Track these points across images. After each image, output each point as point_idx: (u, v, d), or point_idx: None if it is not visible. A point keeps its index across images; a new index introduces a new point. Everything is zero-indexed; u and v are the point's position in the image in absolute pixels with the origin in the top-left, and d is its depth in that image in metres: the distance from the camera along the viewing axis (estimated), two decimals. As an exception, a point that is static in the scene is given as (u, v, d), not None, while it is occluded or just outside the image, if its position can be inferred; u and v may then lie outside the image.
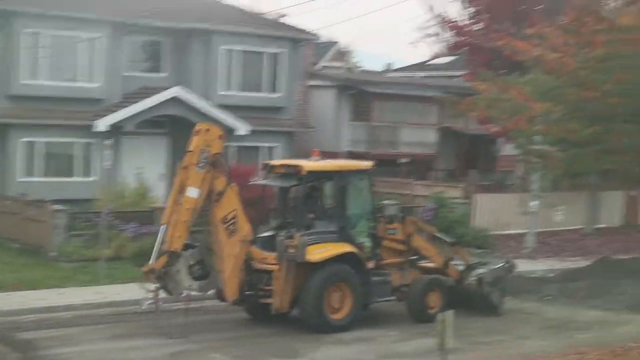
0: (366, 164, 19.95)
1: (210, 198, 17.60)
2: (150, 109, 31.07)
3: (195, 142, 17.47)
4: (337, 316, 18.26)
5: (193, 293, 17.50)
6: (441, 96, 36.32)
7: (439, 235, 21.27)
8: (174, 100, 31.22)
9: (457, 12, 65.60)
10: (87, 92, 30.64)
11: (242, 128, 32.35)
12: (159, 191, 29.92)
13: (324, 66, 46.89)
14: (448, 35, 63.04)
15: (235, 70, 33.57)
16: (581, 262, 27.28)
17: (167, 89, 31.39)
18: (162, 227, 17.29)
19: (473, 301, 20.11)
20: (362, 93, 38.90)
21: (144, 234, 24.27)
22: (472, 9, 41.30)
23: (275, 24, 37.41)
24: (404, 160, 39.51)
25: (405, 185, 35.00)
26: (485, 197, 32.85)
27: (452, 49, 53.23)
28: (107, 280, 22.18)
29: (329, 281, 18.13)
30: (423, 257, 20.29)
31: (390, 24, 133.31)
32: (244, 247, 18.01)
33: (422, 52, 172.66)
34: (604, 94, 16.45)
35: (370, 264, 19.06)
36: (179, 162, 17.92)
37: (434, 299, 19.45)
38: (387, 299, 19.53)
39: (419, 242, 20.12)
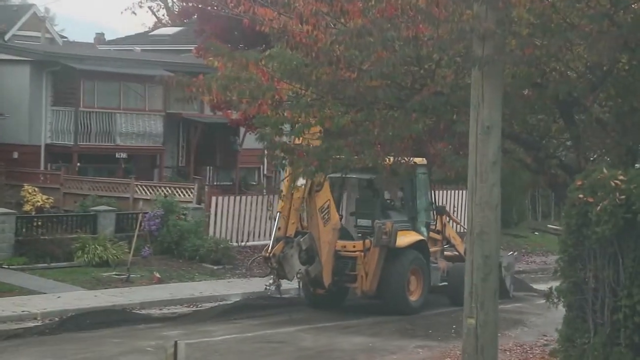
0: (423, 159, 24.03)
1: (312, 190, 22.47)
2: None
3: None
4: (413, 298, 23.72)
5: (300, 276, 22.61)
6: (167, 75, 35.90)
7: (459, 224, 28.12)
8: None
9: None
10: None
11: None
12: None
13: (15, 35, 45.68)
14: (173, -1, 63.04)
15: None
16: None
17: None
18: (277, 214, 22.44)
19: None
20: (66, 70, 38.03)
21: None
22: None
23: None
24: (122, 155, 38.87)
25: (123, 186, 34.35)
26: (223, 200, 32.72)
27: (179, 16, 53.04)
28: None
29: (409, 266, 23.60)
30: (450, 246, 26.12)
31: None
32: (335, 235, 23.15)
33: (143, 20, 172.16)
34: (363, 74, 16.38)
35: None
36: None
37: None
38: (441, 284, 24.94)
39: (450, 232, 26.34)
